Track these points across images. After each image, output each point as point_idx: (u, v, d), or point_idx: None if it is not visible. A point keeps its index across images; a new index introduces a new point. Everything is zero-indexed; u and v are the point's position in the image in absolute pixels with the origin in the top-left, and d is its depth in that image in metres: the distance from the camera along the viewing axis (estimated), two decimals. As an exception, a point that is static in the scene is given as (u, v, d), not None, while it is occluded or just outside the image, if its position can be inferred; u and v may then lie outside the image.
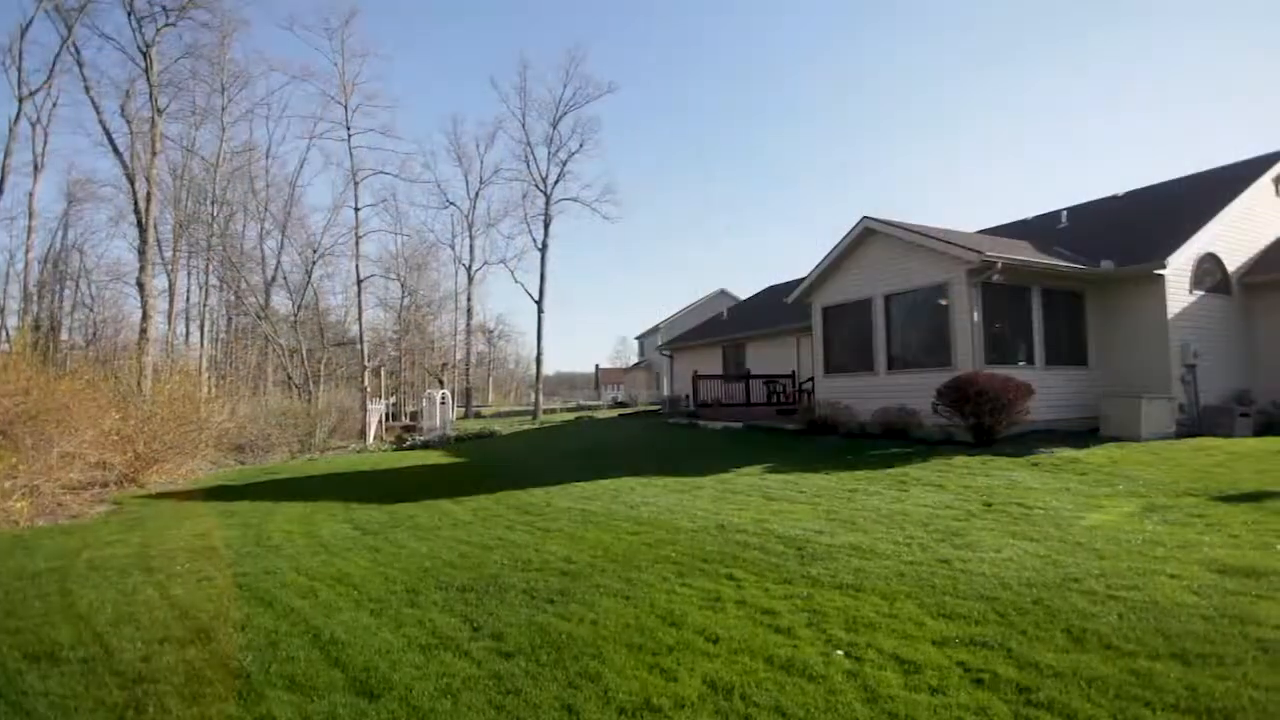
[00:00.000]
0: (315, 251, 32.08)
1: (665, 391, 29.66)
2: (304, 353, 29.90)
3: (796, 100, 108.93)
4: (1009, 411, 10.24)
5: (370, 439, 23.44)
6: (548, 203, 37.94)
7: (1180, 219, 12.91)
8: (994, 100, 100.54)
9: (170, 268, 30.37)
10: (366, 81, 40.39)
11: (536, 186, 38.63)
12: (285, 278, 34.21)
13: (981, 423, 10.38)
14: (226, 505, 9.81)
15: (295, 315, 32.05)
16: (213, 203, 29.81)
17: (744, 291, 40.59)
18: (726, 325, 25.74)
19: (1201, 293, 12.40)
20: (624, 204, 51.56)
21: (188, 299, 34.13)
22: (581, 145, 38.81)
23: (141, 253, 23.04)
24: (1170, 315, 11.77)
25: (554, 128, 38.43)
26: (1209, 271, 12.62)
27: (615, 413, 30.72)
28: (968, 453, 9.86)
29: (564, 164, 38.50)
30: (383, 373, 35.19)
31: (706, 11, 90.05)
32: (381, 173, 33.58)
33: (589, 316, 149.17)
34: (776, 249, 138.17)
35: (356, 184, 31.01)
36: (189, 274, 33.53)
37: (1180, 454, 9.01)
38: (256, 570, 5.81)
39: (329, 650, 3.89)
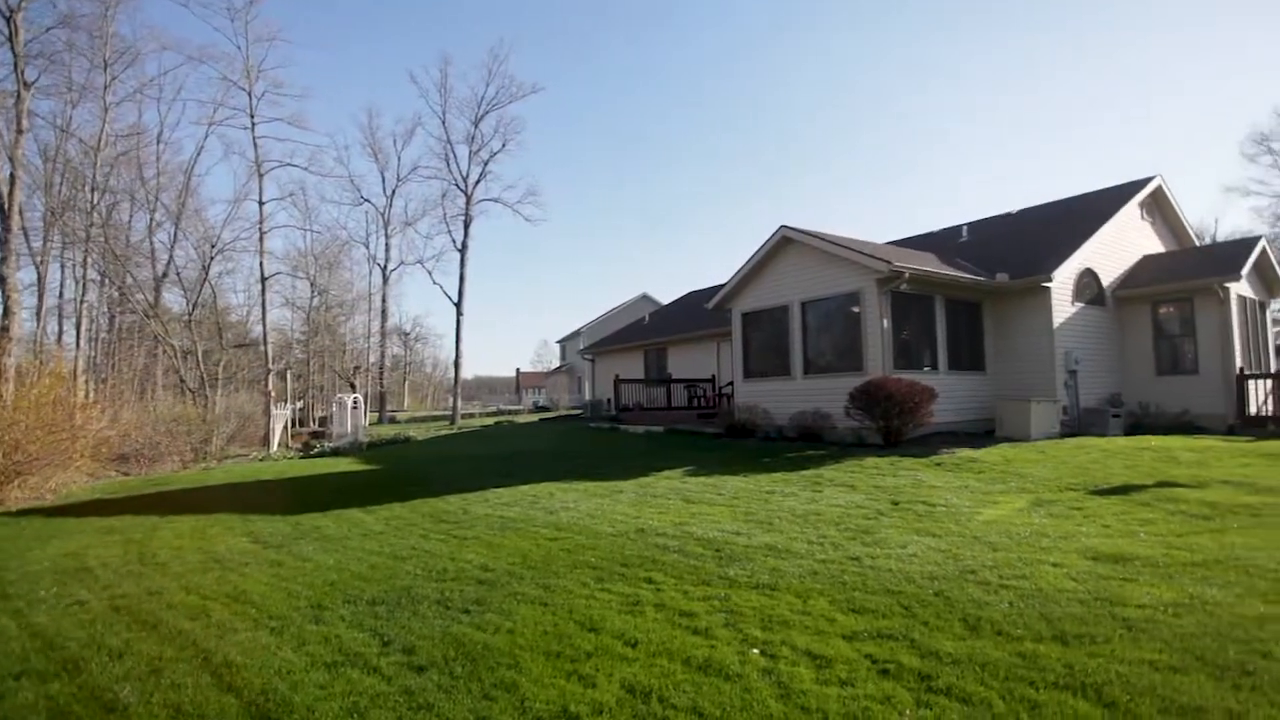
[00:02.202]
0: (214, 246, 29.92)
1: (587, 395, 29.56)
2: (199, 354, 27.81)
3: (720, 106, 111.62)
4: (915, 414, 10.82)
5: (274, 446, 22.08)
6: (468, 203, 37.10)
7: (1065, 237, 14.09)
8: (911, 110, 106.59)
9: (40, 259, 27.53)
10: (273, 67, 38.24)
11: (457, 186, 37.74)
12: (179, 273, 31.75)
13: (890, 425, 10.92)
14: (105, 521, 8.96)
15: (190, 314, 29.76)
16: (93, 189, 27.17)
17: (666, 296, 41.17)
18: (648, 329, 25.94)
19: (1082, 304, 13.57)
20: (547, 206, 51.27)
21: (61, 294, 31.06)
22: (504, 145, 38.28)
23: (3, 242, 20.72)
24: (1056, 324, 12.83)
25: (476, 126, 37.68)
26: (1088, 285, 13.83)
27: (536, 417, 30.33)
28: (878, 454, 10.34)
29: (485, 164, 37.82)
30: (289, 376, 33.28)
31: (633, 15, 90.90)
32: (289, 165, 31.77)
33: (510, 319, 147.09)
34: (699, 254, 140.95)
35: (261, 176, 29.21)
36: (63, 267, 30.53)
37: (1063, 452, 9.80)
38: (139, 591, 5.33)
39: (222, 674, 3.61)
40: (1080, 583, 4.39)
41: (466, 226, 36.81)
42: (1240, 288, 13.70)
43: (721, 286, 15.55)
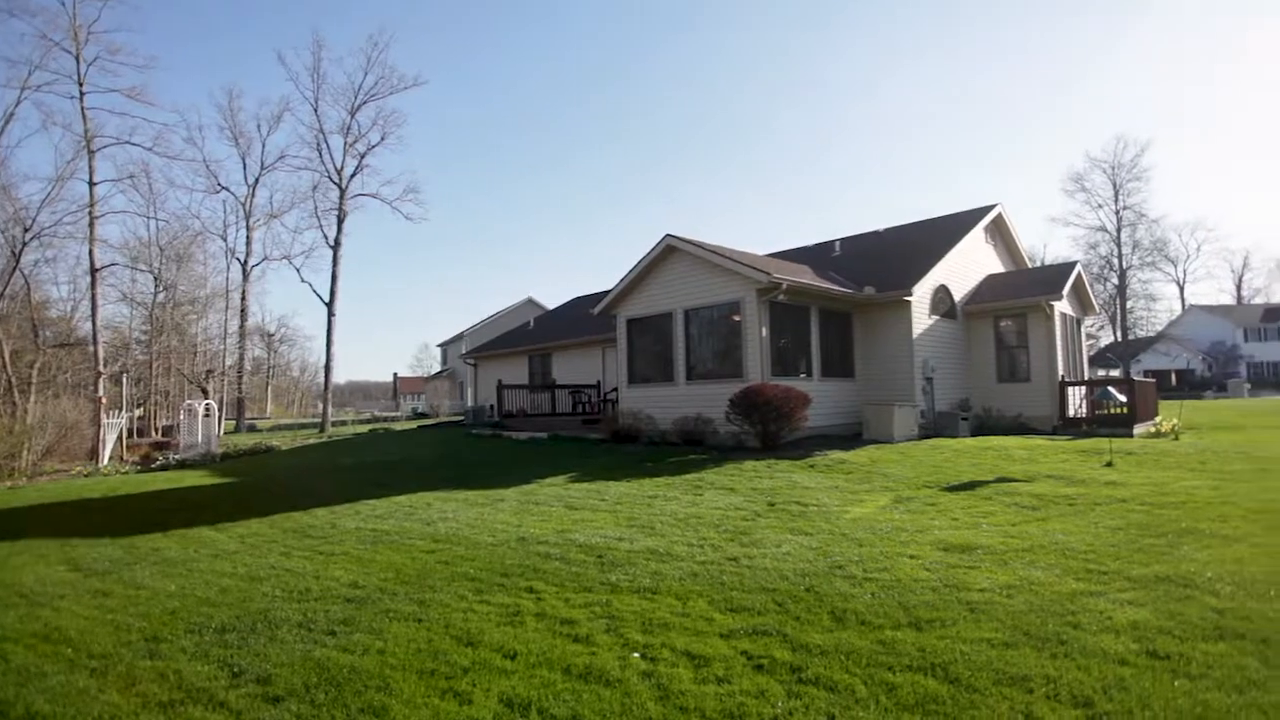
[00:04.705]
0: (26, 230, 25.87)
1: (469, 401, 28.66)
2: (6, 355, 24.08)
3: (607, 113, 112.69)
4: (791, 419, 11.39)
5: (106, 459, 19.52)
6: (342, 197, 34.89)
7: (923, 255, 15.43)
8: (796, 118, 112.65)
9: None
10: (109, 30, 33.09)
11: (330, 178, 35.38)
12: (-18, 260, 27.33)
13: (768, 429, 11.43)
14: (-126, 551, 7.48)
15: (-3, 308, 25.72)
16: None
17: (552, 301, 40.85)
18: (533, 334, 25.59)
19: (937, 317, 14.92)
20: (429, 205, 49.21)
21: None
22: (383, 138, 36.36)
23: None
24: (915, 335, 14.02)
25: (352, 116, 35.54)
26: (942, 300, 15.24)
27: (415, 424, 29.00)
28: (756, 457, 10.77)
29: (362, 156, 35.75)
30: (125, 380, 29.62)
31: (526, 14, 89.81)
32: (128, 143, 28.08)
33: (388, 321, 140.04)
34: (587, 259, 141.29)
35: (92, 153, 25.70)
36: None
37: (921, 452, 10.70)
38: (-85, 634, 4.48)
39: (22, 726, 3.10)
40: (933, 572, 4.79)
41: (340, 222, 34.61)
42: (1063, 306, 15.65)
43: (608, 292, 15.62)
